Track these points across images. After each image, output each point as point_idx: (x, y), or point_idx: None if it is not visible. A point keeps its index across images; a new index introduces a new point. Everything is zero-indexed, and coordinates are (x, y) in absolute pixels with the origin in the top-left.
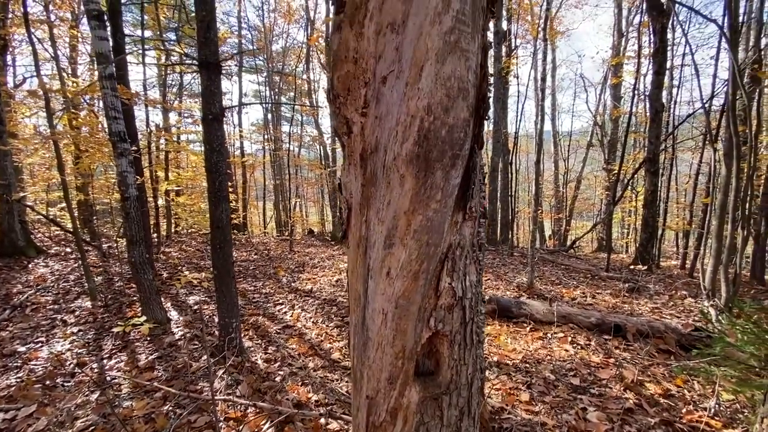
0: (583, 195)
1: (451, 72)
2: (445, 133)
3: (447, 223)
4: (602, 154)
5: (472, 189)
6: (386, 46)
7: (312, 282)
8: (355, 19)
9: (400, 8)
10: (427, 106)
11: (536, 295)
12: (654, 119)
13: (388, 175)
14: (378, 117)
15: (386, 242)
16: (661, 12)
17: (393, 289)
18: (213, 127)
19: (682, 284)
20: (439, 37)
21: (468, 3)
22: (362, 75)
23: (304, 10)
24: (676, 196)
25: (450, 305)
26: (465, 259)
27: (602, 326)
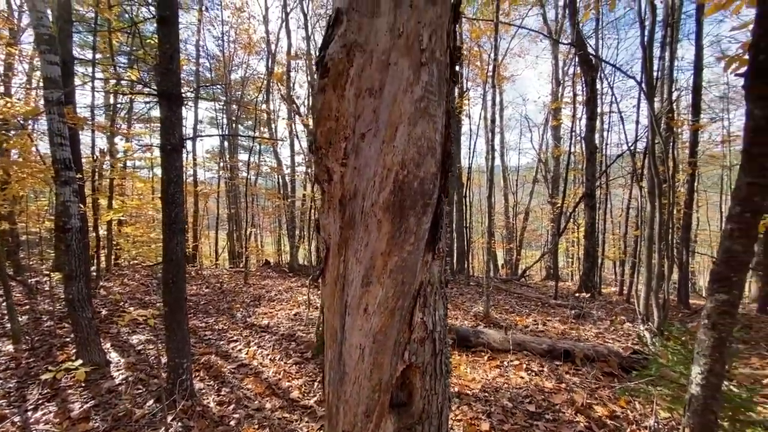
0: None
1: (421, 133)
2: (417, 185)
3: (419, 263)
4: (547, 188)
5: (440, 232)
6: (365, 108)
7: (269, 316)
8: (337, 83)
9: (377, 77)
10: (401, 161)
11: (492, 324)
12: (589, 159)
13: (366, 220)
14: (357, 168)
15: (364, 280)
16: (590, 66)
17: (370, 324)
18: (172, 157)
19: (621, 310)
20: (411, 104)
21: (435, 75)
22: (343, 131)
23: (266, 43)
24: (612, 228)
25: (422, 338)
26: (435, 295)
27: (553, 352)
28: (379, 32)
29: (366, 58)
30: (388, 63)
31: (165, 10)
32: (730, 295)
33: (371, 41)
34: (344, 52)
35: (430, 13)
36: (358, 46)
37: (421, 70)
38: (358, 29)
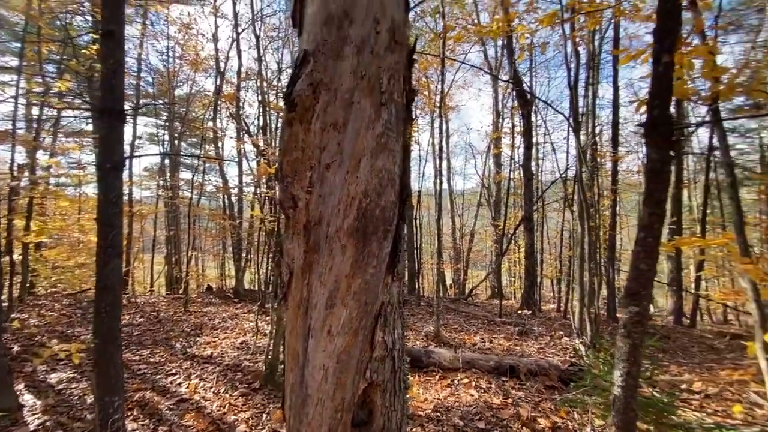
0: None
1: (382, 165)
2: (379, 212)
3: (380, 285)
4: (490, 211)
5: (398, 256)
6: (330, 141)
7: (212, 346)
8: (304, 117)
9: (341, 114)
10: (364, 190)
11: (443, 343)
12: (527, 185)
13: (331, 244)
14: (322, 195)
15: (328, 303)
16: (526, 101)
17: (334, 345)
18: (111, 176)
19: (559, 325)
20: (372, 139)
21: (393, 114)
22: (308, 161)
23: (214, 61)
24: (549, 248)
25: (383, 357)
26: (394, 315)
27: (500, 368)
28: (343, 74)
29: (331, 95)
30: (351, 101)
31: (112, 24)
32: (640, 307)
33: (336, 81)
34: (311, 90)
35: (389, 60)
36: (324, 85)
37: (381, 109)
38: (324, 70)
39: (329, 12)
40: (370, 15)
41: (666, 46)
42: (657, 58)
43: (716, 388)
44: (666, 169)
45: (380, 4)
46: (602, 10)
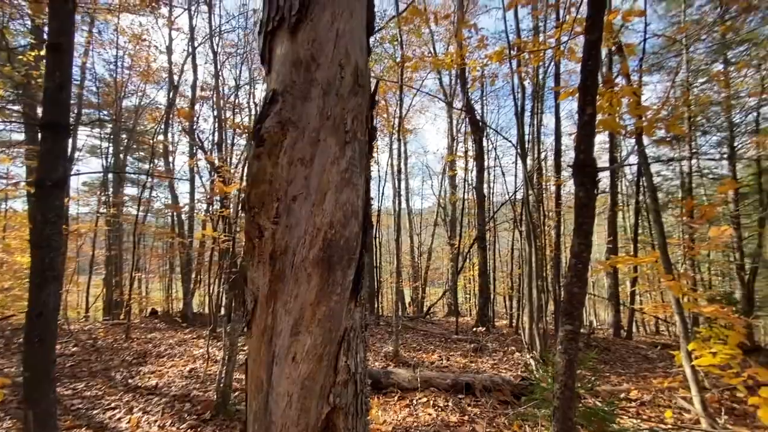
0: (434, 265)
1: (346, 199)
2: (343, 243)
3: (344, 311)
4: (446, 230)
5: (361, 282)
6: (297, 175)
7: (157, 375)
8: (272, 152)
9: (308, 150)
10: (329, 222)
11: (402, 363)
12: (480, 206)
13: (297, 273)
14: (288, 226)
15: (293, 330)
16: (478, 127)
17: (299, 372)
18: (51, 195)
19: (512, 341)
20: (337, 174)
21: (357, 151)
22: (276, 193)
23: (168, 73)
24: (501, 266)
25: (345, 381)
26: (356, 339)
27: (456, 386)
28: (310, 113)
29: (299, 133)
30: (318, 139)
31: (59, 37)
32: (573, 326)
33: (303, 120)
34: (279, 127)
35: (353, 102)
36: (292, 123)
37: (345, 147)
38: (292, 109)
39: (298, 56)
40: (335, 60)
41: (588, 100)
42: (582, 110)
43: (650, 396)
44: (591, 204)
45: (345, 50)
46: (543, 51)
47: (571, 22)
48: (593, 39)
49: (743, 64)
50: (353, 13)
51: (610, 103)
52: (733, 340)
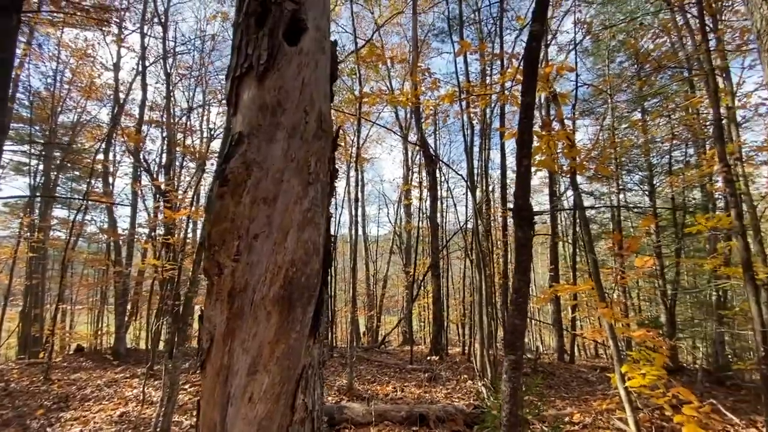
0: (390, 293)
1: (308, 237)
2: (304, 280)
3: (303, 349)
4: (402, 258)
5: (321, 319)
6: (259, 213)
7: (81, 422)
8: (235, 192)
9: (272, 190)
10: (291, 260)
11: (356, 397)
12: (434, 234)
13: (256, 311)
14: (249, 264)
15: (250, 369)
16: (431, 160)
17: (255, 412)
18: None
19: (465, 369)
20: (300, 213)
21: (319, 192)
22: (237, 231)
23: (113, 91)
24: (454, 293)
25: (303, 419)
26: (314, 377)
27: (411, 418)
28: (275, 155)
29: (263, 173)
30: (281, 180)
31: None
32: (516, 355)
33: (268, 161)
34: (244, 167)
35: (317, 145)
36: (257, 164)
37: (308, 188)
38: (257, 150)
39: (264, 101)
40: (300, 106)
41: (525, 153)
42: (519, 161)
43: (591, 418)
44: (529, 244)
45: (310, 97)
46: (490, 95)
47: (514, 72)
48: (528, 101)
49: (656, 114)
50: (318, 64)
51: (548, 145)
52: (658, 362)
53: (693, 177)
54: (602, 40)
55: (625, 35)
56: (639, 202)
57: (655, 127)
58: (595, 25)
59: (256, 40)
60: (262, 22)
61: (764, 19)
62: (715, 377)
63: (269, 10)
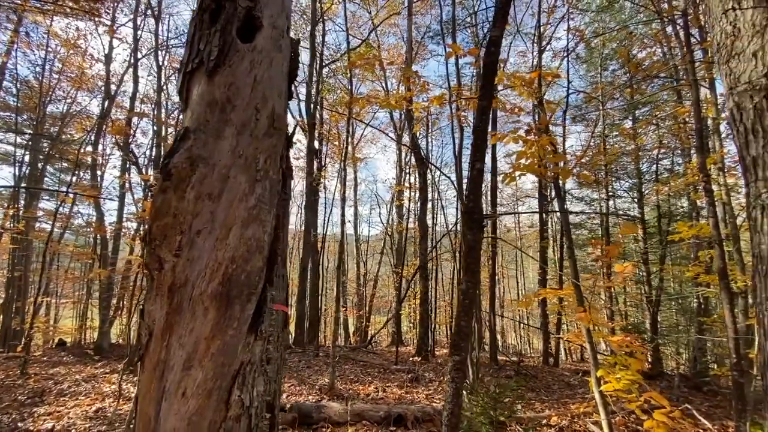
0: (380, 293)
1: (252, 234)
2: (245, 277)
3: (241, 345)
4: (392, 258)
5: (262, 316)
6: (203, 209)
7: (55, 417)
8: (179, 187)
9: (217, 186)
10: (231, 257)
11: (337, 396)
12: (423, 236)
13: (194, 307)
14: (190, 259)
15: (185, 365)
16: (423, 163)
17: (187, 407)
18: None
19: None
20: (245, 210)
21: (267, 189)
22: (179, 226)
23: (104, 82)
24: (444, 295)
25: (238, 415)
26: (254, 373)
27: (389, 418)
28: (222, 151)
29: (209, 169)
30: (228, 176)
31: None
32: (460, 356)
33: (215, 157)
34: (188, 163)
35: (267, 143)
36: (203, 160)
37: (256, 185)
38: (204, 146)
39: (214, 97)
40: (251, 104)
41: (478, 156)
42: (472, 165)
43: (567, 421)
44: (478, 246)
45: (262, 96)
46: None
47: (501, 77)
48: (484, 105)
49: (645, 122)
50: (273, 62)
51: (533, 150)
52: (635, 367)
53: (679, 185)
54: (595, 48)
55: (618, 44)
56: (628, 209)
57: (645, 135)
58: (589, 33)
59: (208, 36)
60: (215, 18)
61: (723, 32)
62: (693, 383)
63: (223, 6)
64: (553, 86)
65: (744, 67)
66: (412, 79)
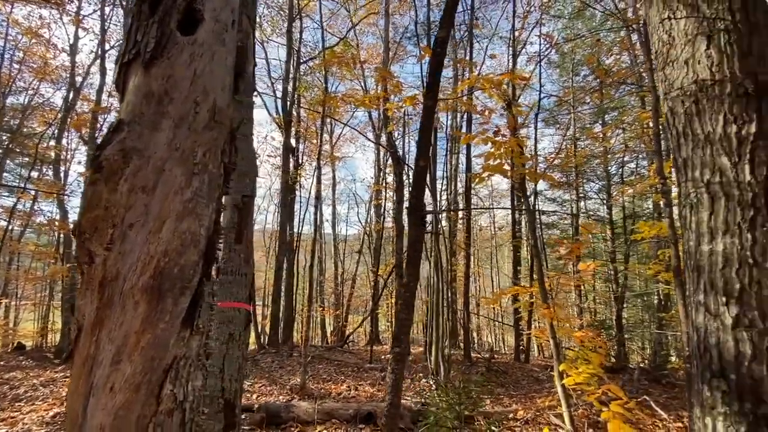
0: (359, 293)
1: (187, 228)
2: (178, 271)
3: (173, 339)
4: (370, 258)
5: (198, 310)
6: (137, 202)
7: (9, 423)
8: (110, 179)
9: (152, 178)
10: (164, 250)
11: (308, 396)
12: (398, 236)
13: (125, 301)
14: (121, 253)
15: (114, 359)
16: (399, 163)
17: (114, 402)
18: None
19: (422, 367)
20: (180, 203)
21: (205, 183)
22: (111, 219)
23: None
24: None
25: (170, 410)
26: (189, 368)
27: (358, 416)
28: (158, 143)
29: (143, 161)
30: (163, 168)
31: None
32: (401, 348)
33: (150, 149)
34: (121, 155)
35: (207, 136)
36: (137, 151)
37: (193, 178)
38: (138, 137)
39: (150, 89)
40: (191, 97)
41: (421, 154)
42: (416, 162)
43: (532, 414)
44: (420, 241)
45: (203, 89)
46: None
47: (473, 79)
48: (429, 105)
49: (608, 128)
50: (215, 56)
51: (501, 151)
52: (596, 361)
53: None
54: (567, 53)
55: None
56: (598, 210)
57: (613, 138)
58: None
59: (146, 27)
60: (154, 8)
61: (660, 40)
62: (652, 376)
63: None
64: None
65: (677, 74)
66: (388, 79)
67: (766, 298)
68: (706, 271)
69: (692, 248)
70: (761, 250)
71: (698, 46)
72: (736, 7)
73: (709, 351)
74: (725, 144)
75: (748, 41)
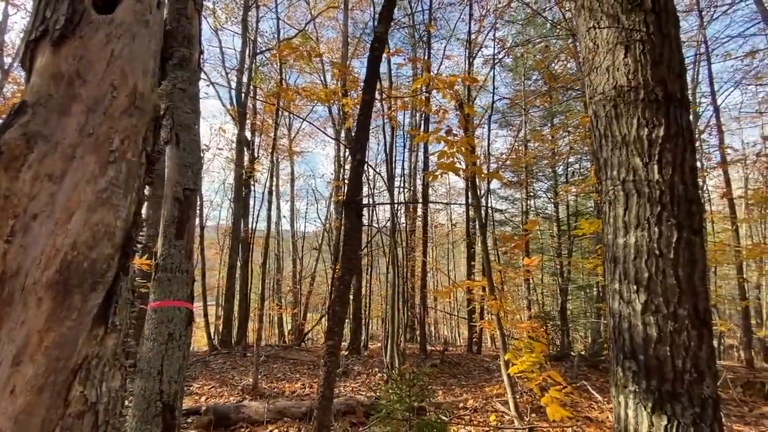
0: (319, 290)
1: (100, 219)
2: (87, 265)
3: (83, 338)
4: (330, 255)
5: (114, 307)
6: (42, 191)
7: None
8: (11, 166)
9: (60, 166)
10: (72, 243)
11: (260, 395)
12: None
13: (26, 297)
14: (24, 246)
15: (15, 360)
16: None
17: (15, 406)
18: None
19: (378, 362)
20: (93, 193)
21: (123, 172)
22: (12, 209)
23: None
24: (380, 289)
25: (81, 412)
26: (103, 367)
27: (311, 414)
28: (67, 129)
29: (50, 147)
30: (73, 156)
31: None
32: (334, 341)
33: (58, 134)
34: (24, 140)
35: (125, 122)
36: (43, 137)
37: (108, 167)
38: (44, 122)
39: (59, 69)
40: (107, 80)
41: (358, 147)
42: (353, 155)
43: (481, 403)
44: (356, 234)
45: (121, 72)
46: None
47: (427, 78)
48: (367, 99)
49: (559, 129)
50: (136, 38)
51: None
52: (538, 350)
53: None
54: (520, 58)
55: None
56: (546, 208)
57: (560, 140)
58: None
59: (56, 3)
60: None
61: (587, 48)
62: (591, 362)
63: None
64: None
65: (600, 80)
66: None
67: (669, 285)
68: (621, 262)
69: (610, 241)
70: (666, 242)
71: (618, 55)
72: (651, 19)
73: (622, 335)
74: (638, 146)
75: (660, 51)
